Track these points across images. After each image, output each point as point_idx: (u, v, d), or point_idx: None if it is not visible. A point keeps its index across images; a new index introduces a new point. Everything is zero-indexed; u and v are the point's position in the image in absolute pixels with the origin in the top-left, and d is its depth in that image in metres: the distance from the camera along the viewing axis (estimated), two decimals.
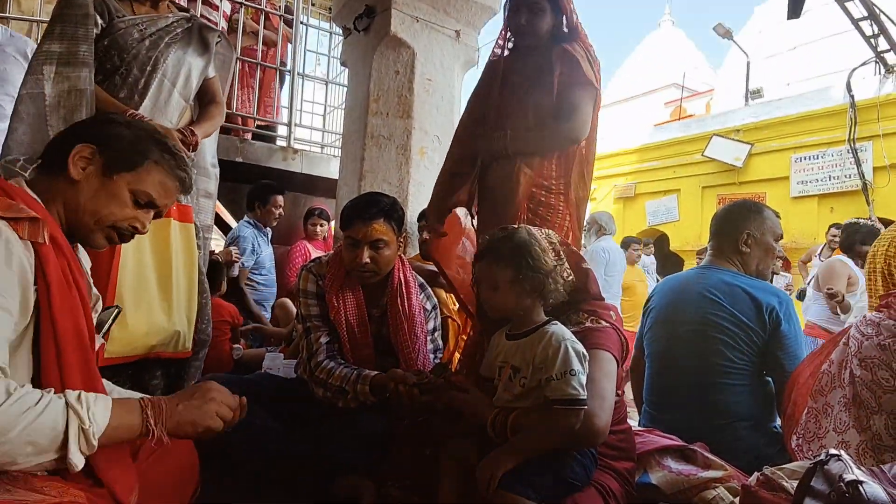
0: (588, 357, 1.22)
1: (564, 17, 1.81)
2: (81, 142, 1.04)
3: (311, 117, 5.57)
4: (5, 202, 0.91)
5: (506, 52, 1.94)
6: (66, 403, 0.85)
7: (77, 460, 0.85)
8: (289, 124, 4.57)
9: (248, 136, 4.44)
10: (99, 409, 0.88)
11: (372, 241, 1.68)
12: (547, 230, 1.47)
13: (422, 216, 2.71)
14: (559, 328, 1.25)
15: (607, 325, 1.38)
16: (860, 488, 0.75)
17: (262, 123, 4.57)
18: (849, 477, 0.78)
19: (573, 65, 1.73)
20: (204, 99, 2.03)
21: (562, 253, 1.40)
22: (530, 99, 1.80)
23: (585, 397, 1.16)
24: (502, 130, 1.81)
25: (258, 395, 1.75)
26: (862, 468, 0.85)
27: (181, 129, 1.83)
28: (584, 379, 1.18)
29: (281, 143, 4.66)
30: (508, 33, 1.92)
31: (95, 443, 0.87)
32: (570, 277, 1.37)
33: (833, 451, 0.88)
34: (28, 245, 0.91)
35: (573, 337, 1.25)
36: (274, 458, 1.54)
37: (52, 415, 0.83)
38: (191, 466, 1.32)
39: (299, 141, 4.76)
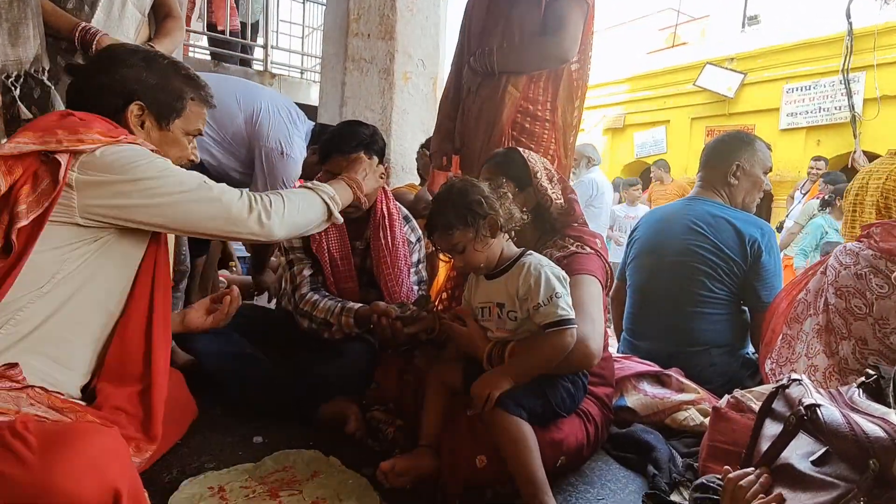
0: (567, 279, 1.23)
1: None
2: (125, 99, 1.10)
3: (289, 39, 5.25)
4: (131, 135, 1.08)
5: None
6: (311, 189, 1.29)
7: (339, 217, 1.32)
8: (265, 46, 4.32)
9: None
10: (329, 188, 1.31)
11: None
12: (541, 156, 1.48)
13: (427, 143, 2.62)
14: (534, 258, 1.25)
15: (592, 251, 1.39)
16: (818, 411, 0.78)
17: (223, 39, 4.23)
18: (807, 401, 0.81)
19: None
20: (159, 13, 1.85)
21: (555, 178, 1.45)
22: (516, 13, 1.70)
23: (574, 316, 1.18)
24: (488, 48, 1.72)
25: (246, 327, 1.76)
26: (821, 391, 0.88)
27: (145, 44, 1.70)
28: (569, 300, 1.20)
29: (258, 66, 4.43)
30: None
31: (341, 206, 1.32)
32: (560, 201, 1.42)
33: (795, 376, 0.92)
34: None
35: (550, 262, 1.25)
36: (263, 386, 1.57)
37: (311, 200, 1.26)
38: (187, 397, 1.41)
39: (277, 65, 4.52)
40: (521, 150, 1.48)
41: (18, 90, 1.43)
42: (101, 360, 1.09)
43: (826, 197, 4.63)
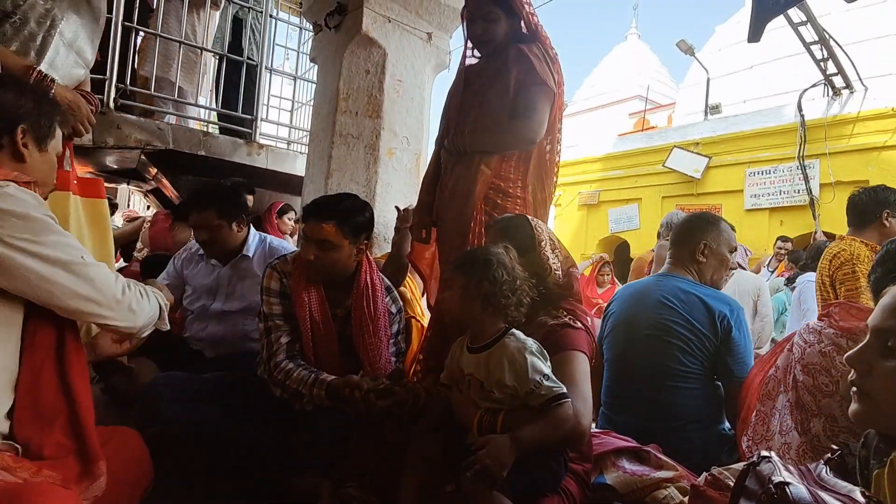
0: (545, 352, 1.25)
1: (521, 20, 1.84)
2: (12, 123, 1.08)
3: (278, 112, 5.48)
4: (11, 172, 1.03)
5: (471, 61, 1.97)
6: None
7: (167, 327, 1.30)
8: (254, 118, 4.48)
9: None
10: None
11: (318, 240, 1.68)
12: (550, 229, 1.57)
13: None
14: (515, 340, 1.25)
15: (582, 327, 1.42)
16: (787, 489, 0.79)
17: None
18: (777, 479, 0.82)
19: (528, 66, 1.76)
20: None
21: (558, 250, 1.51)
22: (488, 98, 1.83)
23: (563, 387, 1.20)
24: (460, 130, 1.84)
25: (215, 395, 1.71)
26: (791, 468, 0.89)
27: (82, 91, 1.70)
28: (551, 374, 1.21)
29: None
30: (469, 43, 1.95)
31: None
32: (559, 272, 1.48)
33: (764, 454, 0.93)
34: None
35: (528, 342, 1.26)
36: (232, 457, 1.51)
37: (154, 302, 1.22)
38: (143, 459, 1.31)
39: (265, 136, 4.68)
40: (530, 217, 1.56)
41: None
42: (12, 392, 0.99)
43: (790, 276, 4.82)
